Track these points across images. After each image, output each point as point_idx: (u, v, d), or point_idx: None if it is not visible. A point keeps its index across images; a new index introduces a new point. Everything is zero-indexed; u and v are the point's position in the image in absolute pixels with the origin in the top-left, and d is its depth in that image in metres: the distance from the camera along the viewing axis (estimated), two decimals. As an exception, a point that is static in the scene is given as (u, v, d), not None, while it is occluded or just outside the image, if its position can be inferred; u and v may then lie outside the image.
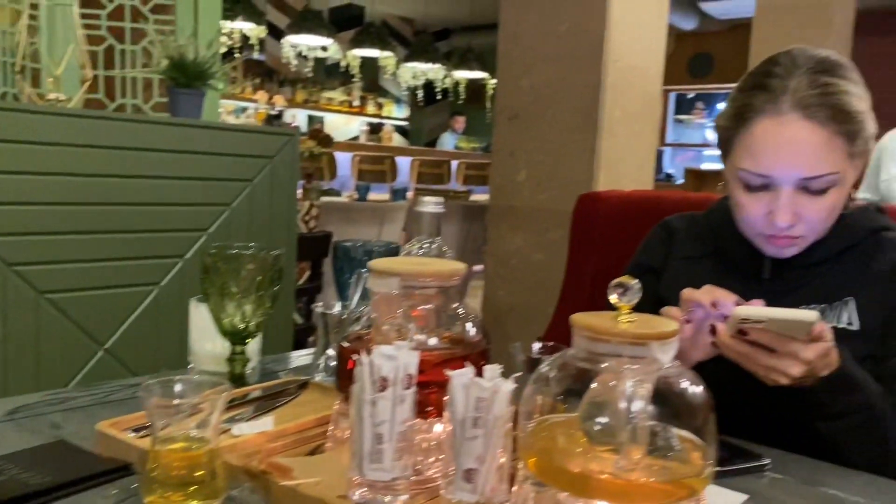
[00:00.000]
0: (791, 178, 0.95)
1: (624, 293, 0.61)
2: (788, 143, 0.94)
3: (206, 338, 1.02)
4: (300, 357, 1.26)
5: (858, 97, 0.97)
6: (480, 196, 6.42)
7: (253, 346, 1.03)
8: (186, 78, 2.01)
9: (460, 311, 0.77)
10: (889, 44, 6.79)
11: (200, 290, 1.00)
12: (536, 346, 0.89)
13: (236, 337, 0.98)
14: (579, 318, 0.61)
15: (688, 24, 8.00)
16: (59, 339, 1.75)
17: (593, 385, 0.61)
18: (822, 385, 0.88)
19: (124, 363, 1.87)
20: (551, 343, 0.88)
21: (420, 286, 0.73)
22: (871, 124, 0.98)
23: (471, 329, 0.77)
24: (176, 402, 0.64)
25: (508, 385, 0.62)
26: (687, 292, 0.91)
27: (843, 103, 0.94)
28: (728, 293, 0.88)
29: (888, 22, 6.80)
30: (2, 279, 1.64)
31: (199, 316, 1.02)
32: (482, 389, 0.61)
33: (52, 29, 2.42)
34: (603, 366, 0.60)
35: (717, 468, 0.81)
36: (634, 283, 0.61)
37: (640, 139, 3.30)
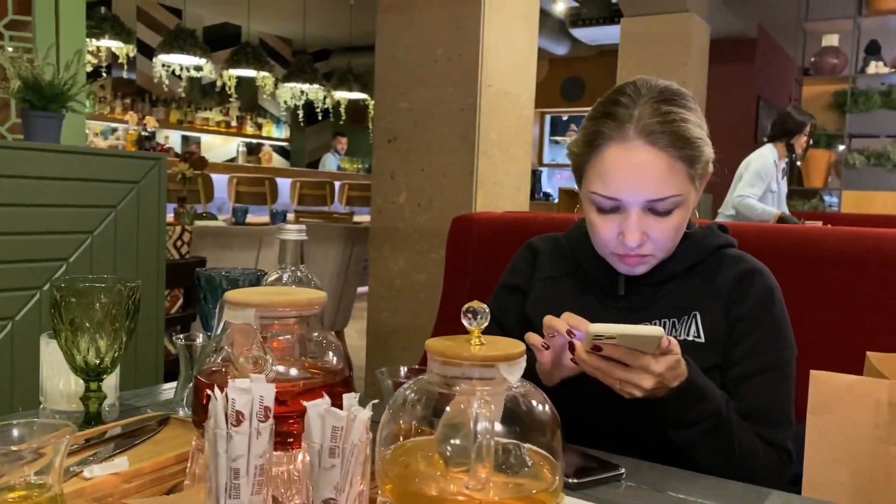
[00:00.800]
0: (638, 200, 1.01)
1: (475, 317, 0.63)
2: (635, 168, 1.00)
3: (58, 375, 0.97)
4: (165, 391, 1.22)
5: (696, 124, 1.04)
6: (364, 217, 6.41)
7: (110, 381, 0.99)
8: (42, 100, 1.91)
9: (322, 340, 0.77)
10: (738, 69, 7.35)
11: (50, 326, 0.95)
12: (403, 370, 0.90)
13: (91, 374, 0.93)
14: (433, 343, 0.63)
15: (560, 49, 8.36)
16: None
17: (447, 408, 0.62)
18: (674, 395, 0.94)
19: (-29, 405, 1.74)
20: (418, 367, 0.89)
21: (278, 316, 0.72)
22: (708, 149, 1.06)
23: (332, 357, 0.77)
24: (13, 448, 0.60)
25: (365, 413, 0.63)
26: (547, 320, 0.95)
27: (683, 130, 1.02)
28: (583, 320, 0.92)
29: (738, 49, 7.36)
30: None
31: (50, 353, 0.97)
32: (338, 419, 0.61)
33: None
34: (456, 389, 0.62)
35: (577, 479, 0.85)
36: (483, 307, 0.63)
37: (515, 161, 3.41)
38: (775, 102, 8.01)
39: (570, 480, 0.84)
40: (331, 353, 0.77)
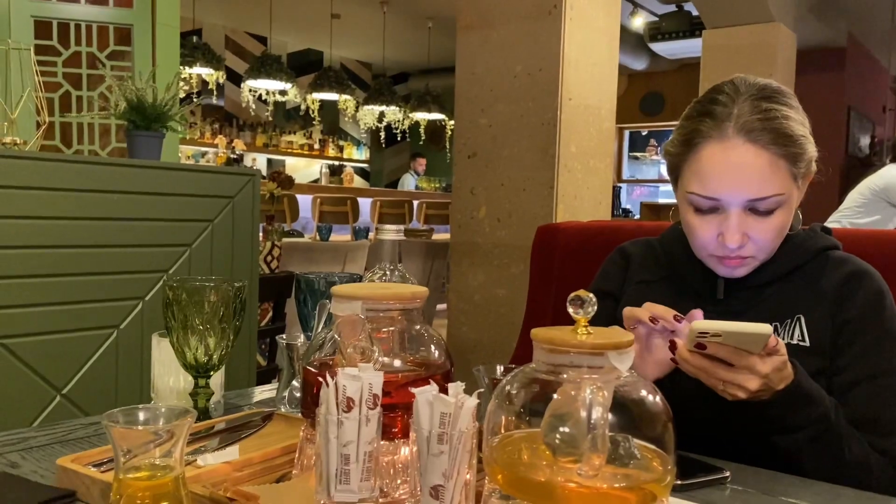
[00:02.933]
0: (738, 199, 0.99)
1: (581, 306, 0.63)
2: (734, 167, 0.98)
3: (168, 372, 1.02)
4: (263, 392, 1.26)
5: (799, 122, 1.02)
6: (441, 235, 6.46)
7: (216, 379, 1.03)
8: (145, 120, 2.02)
9: (424, 333, 0.78)
10: (827, 79, 7.09)
11: (162, 325, 0.99)
12: (500, 368, 0.91)
13: (200, 370, 0.97)
14: (539, 332, 0.63)
15: (639, 64, 8.26)
16: (14, 384, 1.71)
17: (554, 397, 0.62)
18: (780, 398, 0.91)
19: (82, 408, 1.83)
20: (515, 366, 0.90)
21: (382, 309, 0.74)
22: (811, 147, 1.03)
23: (434, 351, 0.78)
24: (140, 428, 0.64)
25: (472, 401, 0.63)
26: (628, 311, 0.94)
27: (785, 127, 0.99)
28: (667, 309, 0.91)
29: (826, 58, 7.10)
30: (-46, 325, 1.60)
31: (162, 351, 1.02)
32: (446, 405, 0.62)
33: (7, 73, 2.41)
34: (563, 377, 0.62)
35: (679, 482, 0.83)
36: (590, 296, 0.63)
37: (596, 174, 3.38)
38: (867, 112, 7.68)
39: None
40: (433, 347, 0.78)
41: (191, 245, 2.06)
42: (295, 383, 1.07)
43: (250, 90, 6.55)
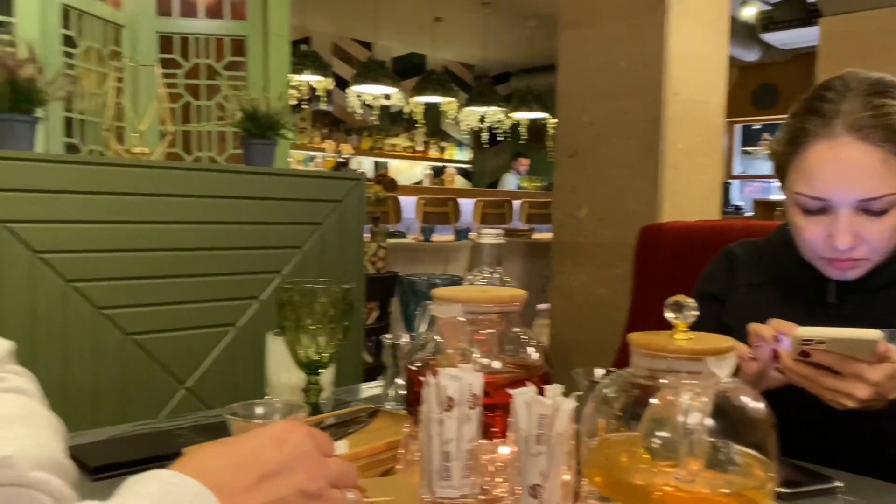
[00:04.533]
0: (848, 199, 0.95)
1: (679, 311, 0.63)
2: (844, 165, 0.95)
3: (282, 369, 1.08)
4: (370, 388, 1.31)
5: None
6: (543, 234, 6.43)
7: (326, 376, 1.08)
8: (259, 129, 2.13)
9: (522, 336, 0.80)
10: (965, 65, 6.57)
11: (277, 325, 1.06)
12: (599, 371, 0.91)
13: (311, 368, 1.03)
14: (637, 337, 0.64)
15: (750, 55, 7.92)
16: (144, 378, 1.85)
17: (652, 401, 0.63)
18: (893, 408, 0.87)
19: (204, 401, 1.95)
20: (615, 369, 0.90)
21: (482, 311, 0.77)
22: None
23: (533, 353, 0.80)
24: (257, 422, 0.69)
25: (569, 403, 0.65)
26: (753, 327, 0.91)
27: None
28: (793, 325, 0.88)
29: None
30: (92, 322, 1.75)
31: (276, 348, 1.08)
32: (544, 407, 0.64)
33: (135, 88, 2.59)
34: (661, 381, 0.62)
35: (788, 490, 0.81)
36: (690, 301, 0.63)
37: (703, 172, 3.28)
38: None
39: (780, 491, 0.81)
40: (531, 349, 0.80)
41: (302, 247, 2.15)
42: (399, 381, 1.11)
43: (356, 95, 6.74)
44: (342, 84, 7.88)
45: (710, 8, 3.27)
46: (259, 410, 0.71)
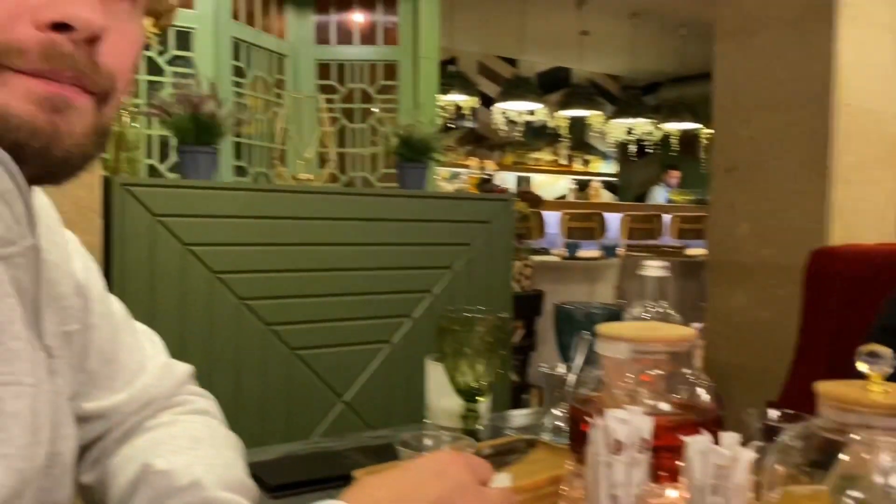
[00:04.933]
0: None
1: (875, 362, 0.59)
2: None
3: (441, 395, 1.10)
4: (523, 415, 1.31)
5: None
6: (696, 250, 6.17)
7: (484, 403, 1.09)
8: (412, 153, 2.20)
9: (692, 376, 0.77)
10: None
11: (435, 350, 1.08)
12: (773, 413, 0.86)
13: (469, 395, 1.04)
14: (826, 389, 0.60)
15: (931, 55, 7.24)
16: (307, 391, 1.95)
17: (842, 457, 0.58)
18: None
19: (360, 415, 2.03)
20: (790, 411, 0.85)
21: (649, 351, 0.75)
22: None
23: (703, 395, 0.77)
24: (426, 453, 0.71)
25: (748, 454, 0.62)
26: None
27: None
28: None
29: None
30: (262, 337, 1.87)
31: (435, 374, 1.11)
32: (721, 457, 0.61)
33: (300, 118, 2.76)
34: (852, 437, 0.58)
35: None
36: (886, 351, 0.59)
37: (879, 187, 3.03)
38: None
39: None
40: (701, 391, 0.77)
41: (452, 266, 2.20)
42: (555, 411, 1.10)
43: (501, 112, 6.80)
44: (487, 101, 7.98)
45: (883, 11, 3.02)
46: (428, 442, 0.72)
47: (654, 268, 0.90)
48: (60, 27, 0.48)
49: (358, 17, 3.59)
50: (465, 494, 0.55)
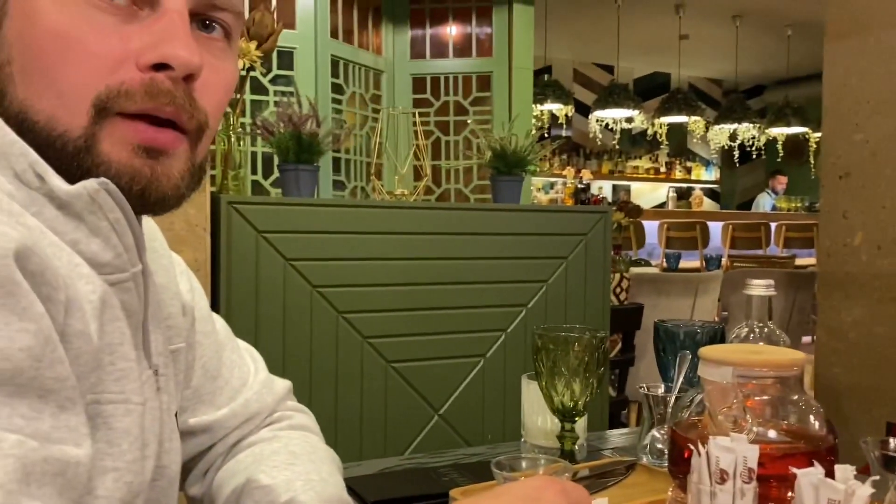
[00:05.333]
0: None
1: None
2: None
3: (537, 413, 1.09)
4: (622, 435, 1.28)
5: None
6: (806, 260, 5.87)
7: (580, 423, 1.07)
8: (507, 166, 2.19)
9: (802, 403, 0.74)
10: None
11: (526, 365, 1.07)
12: (894, 442, 0.81)
13: (566, 414, 1.03)
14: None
15: None
16: (403, 404, 1.97)
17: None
18: None
19: (455, 429, 2.04)
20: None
21: (755, 376, 0.71)
22: None
23: (814, 422, 0.73)
24: (522, 476, 0.70)
25: (865, 489, 0.58)
26: None
27: None
28: None
29: None
30: (360, 350, 1.90)
31: (531, 393, 1.10)
32: (835, 491, 0.58)
33: (394, 131, 2.80)
34: None
35: None
36: None
37: None
38: None
39: None
40: (812, 418, 0.73)
41: (547, 281, 2.18)
42: (655, 433, 1.07)
43: (597, 120, 6.70)
44: (582, 109, 7.89)
45: None
46: (524, 465, 0.72)
47: (759, 286, 0.87)
48: (160, 67, 0.52)
49: (452, 31, 3.63)
50: None
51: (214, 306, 1.69)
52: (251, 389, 0.78)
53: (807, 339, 4.09)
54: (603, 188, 8.57)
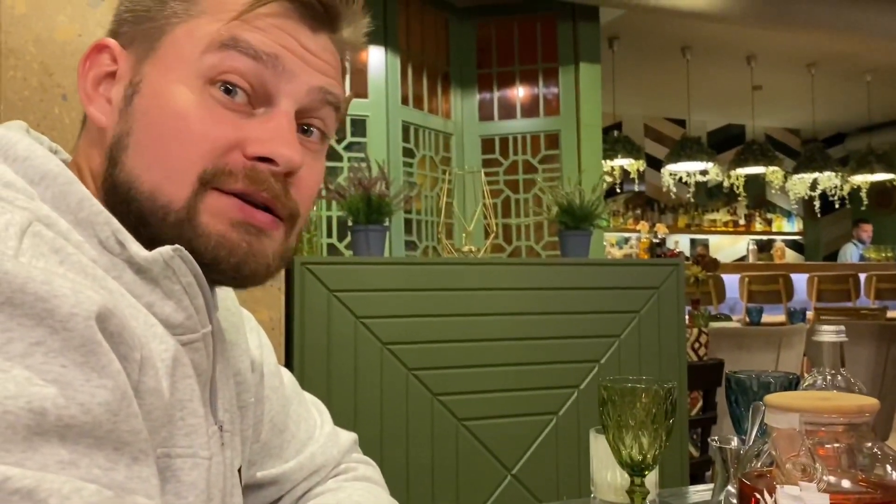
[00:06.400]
0: None
1: None
2: None
3: (605, 468, 1.07)
4: (698, 492, 1.23)
5: None
6: (899, 313, 5.57)
7: (651, 477, 1.05)
8: (574, 221, 2.20)
9: (878, 450, 0.71)
10: None
11: (599, 422, 1.06)
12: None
13: (635, 468, 1.01)
14: None
15: None
16: (474, 463, 1.96)
17: None
18: None
19: (528, 488, 2.00)
20: None
21: (824, 423, 0.69)
22: None
23: (890, 471, 0.70)
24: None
25: (944, 540, 0.55)
26: None
27: None
28: None
29: None
30: (430, 408, 1.91)
31: (599, 446, 1.08)
32: (910, 542, 0.55)
33: (463, 192, 2.86)
34: None
35: None
36: None
37: None
38: None
39: None
40: (888, 467, 0.70)
41: (619, 335, 2.15)
42: (730, 488, 1.04)
43: (670, 174, 6.63)
44: (655, 164, 7.82)
45: None
46: None
47: (829, 332, 0.84)
48: (265, 160, 0.57)
49: (520, 92, 3.70)
50: None
51: (288, 364, 1.74)
52: (317, 442, 0.80)
53: (906, 396, 3.84)
54: (679, 242, 8.41)
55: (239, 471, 0.67)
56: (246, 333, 0.75)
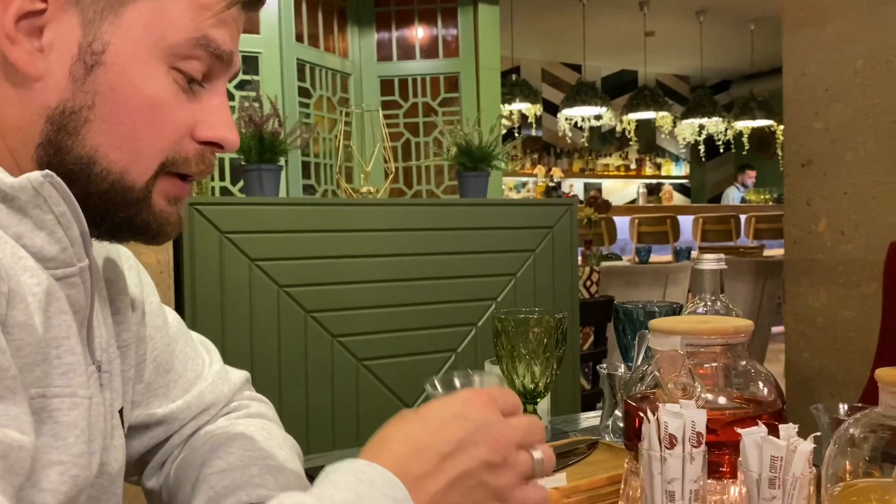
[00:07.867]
0: None
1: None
2: None
3: (499, 398, 1.10)
4: (588, 418, 1.29)
5: None
6: (775, 251, 5.96)
7: (543, 405, 1.08)
8: (472, 162, 2.20)
9: (751, 369, 0.75)
10: None
11: (493, 353, 1.08)
12: (843, 407, 0.83)
13: (528, 397, 1.04)
14: (885, 374, 0.57)
15: None
16: (375, 403, 1.97)
17: (908, 447, 0.55)
18: None
19: (428, 424, 2.04)
20: (860, 405, 0.81)
21: (703, 344, 0.73)
22: None
23: (763, 388, 0.74)
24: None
25: (806, 445, 0.59)
26: None
27: None
28: None
29: None
30: (330, 349, 1.90)
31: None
32: (777, 448, 0.59)
33: (361, 132, 2.81)
34: (918, 425, 0.55)
35: None
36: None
37: (967, 174, 2.86)
38: None
39: None
40: (760, 384, 0.75)
41: (515, 274, 2.19)
42: (618, 413, 1.08)
43: (566, 119, 6.75)
44: (552, 109, 7.94)
45: (968, -12, 2.87)
46: (458, 383, 0.70)
47: (709, 260, 0.88)
48: (211, 144, 0.61)
49: (418, 32, 3.64)
50: (488, 432, 0.53)
51: (179, 308, 1.68)
52: (206, 381, 0.78)
53: (777, 329, 4.15)
54: (574, 186, 8.63)
55: (121, 412, 0.64)
56: (125, 271, 0.71)
